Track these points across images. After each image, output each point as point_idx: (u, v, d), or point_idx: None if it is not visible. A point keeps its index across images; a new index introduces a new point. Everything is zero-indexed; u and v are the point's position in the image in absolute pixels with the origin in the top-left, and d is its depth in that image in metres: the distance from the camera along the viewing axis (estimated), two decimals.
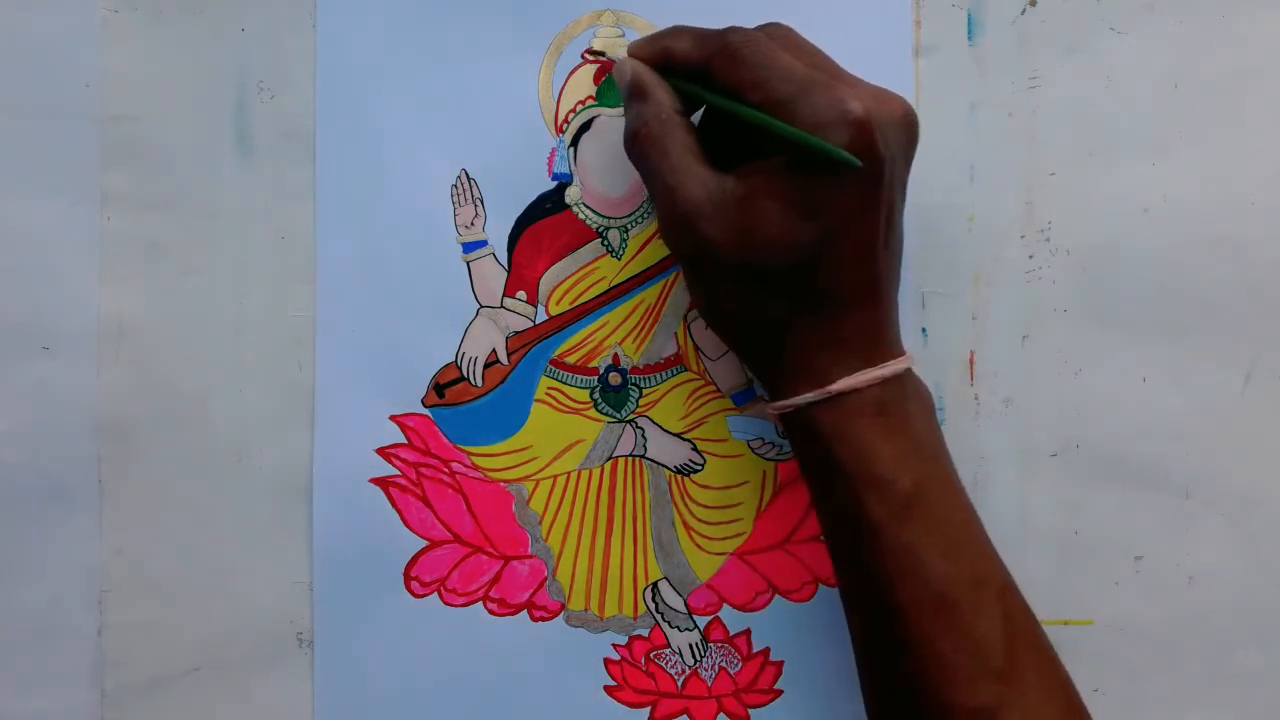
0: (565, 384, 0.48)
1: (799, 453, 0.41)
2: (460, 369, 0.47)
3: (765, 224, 0.38)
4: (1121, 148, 0.46)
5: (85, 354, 0.47)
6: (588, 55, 0.47)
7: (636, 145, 0.41)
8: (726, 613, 0.48)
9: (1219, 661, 0.47)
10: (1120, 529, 0.47)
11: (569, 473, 0.48)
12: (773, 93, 0.37)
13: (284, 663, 0.47)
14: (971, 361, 0.47)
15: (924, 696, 0.38)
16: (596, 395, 0.48)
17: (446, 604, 0.47)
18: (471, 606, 0.47)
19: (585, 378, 0.48)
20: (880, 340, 0.40)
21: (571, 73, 0.47)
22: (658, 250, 0.47)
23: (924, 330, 0.47)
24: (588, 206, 0.47)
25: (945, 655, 0.38)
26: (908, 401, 0.40)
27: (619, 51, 0.46)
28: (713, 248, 0.39)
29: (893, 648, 0.39)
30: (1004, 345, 0.47)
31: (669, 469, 0.48)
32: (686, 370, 0.48)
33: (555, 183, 0.47)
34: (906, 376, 0.40)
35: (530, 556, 0.48)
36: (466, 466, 0.48)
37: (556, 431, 0.48)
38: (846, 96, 0.37)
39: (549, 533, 0.48)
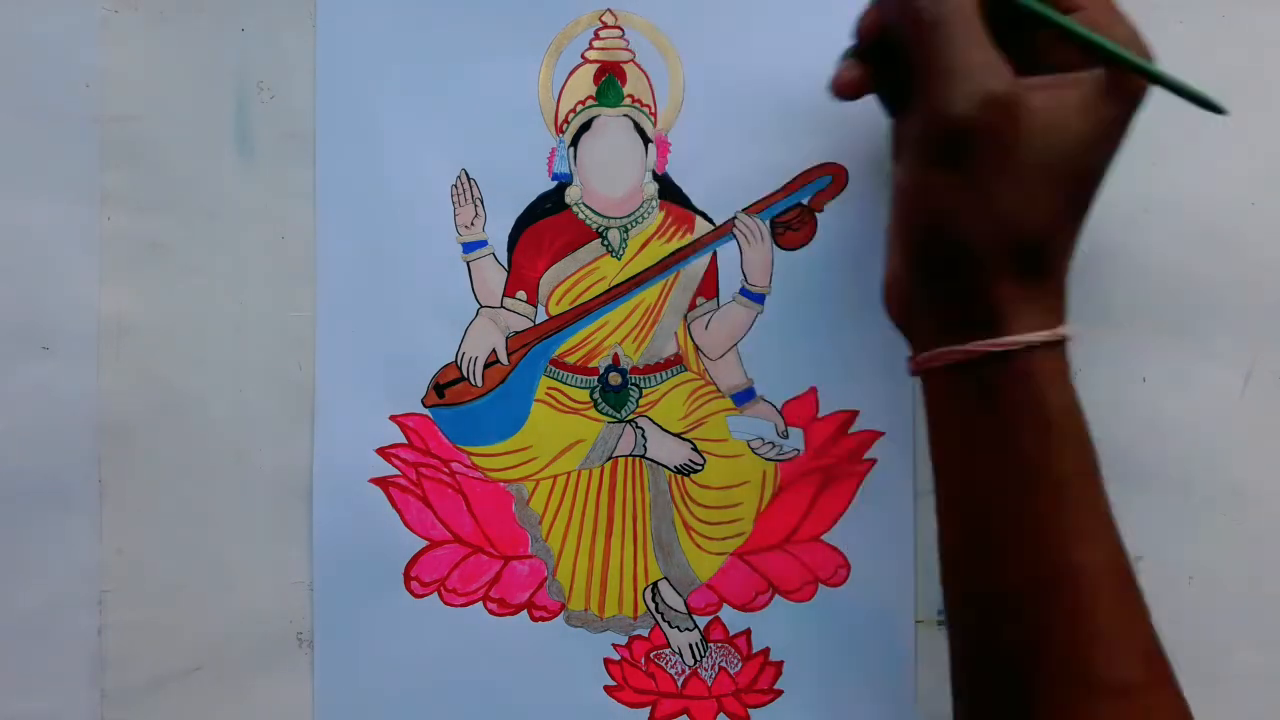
0: (565, 384, 0.48)
1: (970, 398, 0.38)
2: (460, 369, 0.47)
3: (1070, 132, 0.37)
4: (1121, 148, 0.46)
5: (85, 354, 0.47)
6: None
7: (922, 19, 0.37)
8: (726, 613, 0.48)
9: (1219, 661, 0.47)
10: (1120, 529, 0.47)
11: (569, 473, 0.48)
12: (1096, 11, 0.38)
13: (284, 663, 0.47)
14: None
15: (1068, 667, 0.36)
16: (596, 395, 0.48)
17: (446, 604, 0.47)
18: (471, 606, 0.47)
19: (585, 378, 0.48)
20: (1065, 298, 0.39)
21: (571, 73, 0.47)
22: (658, 250, 0.47)
23: None
24: (588, 206, 0.47)
25: (1105, 627, 0.36)
26: None
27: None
28: (1006, 139, 0.36)
29: (1046, 614, 0.37)
30: None
31: (669, 469, 0.48)
32: (686, 370, 0.48)
33: (555, 183, 0.47)
34: None
35: (530, 556, 0.48)
36: (466, 466, 0.48)
37: (556, 431, 0.48)
38: (1134, 28, 0.38)
39: (549, 533, 0.48)
